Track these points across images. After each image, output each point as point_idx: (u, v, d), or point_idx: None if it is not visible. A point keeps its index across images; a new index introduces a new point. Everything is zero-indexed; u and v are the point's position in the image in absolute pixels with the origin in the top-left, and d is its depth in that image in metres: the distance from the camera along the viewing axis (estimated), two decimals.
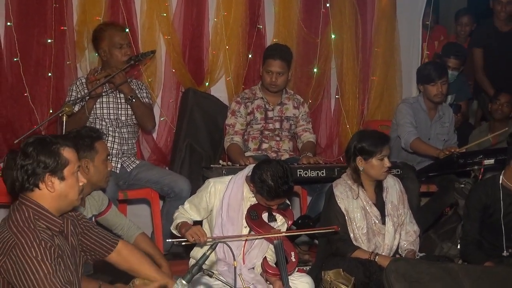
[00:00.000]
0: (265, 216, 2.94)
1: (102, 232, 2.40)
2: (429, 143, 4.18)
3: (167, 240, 3.04)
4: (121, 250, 2.38)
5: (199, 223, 3.04)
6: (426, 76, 4.17)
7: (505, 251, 3.34)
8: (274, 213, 2.96)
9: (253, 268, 2.92)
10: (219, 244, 2.43)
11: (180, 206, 3.05)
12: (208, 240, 2.79)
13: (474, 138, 4.56)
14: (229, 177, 3.03)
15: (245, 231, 2.93)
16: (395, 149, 4.14)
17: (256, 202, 2.94)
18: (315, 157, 3.85)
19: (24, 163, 2.08)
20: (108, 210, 3.03)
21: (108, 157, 2.92)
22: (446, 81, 4.18)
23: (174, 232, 2.96)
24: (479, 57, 5.21)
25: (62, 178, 2.13)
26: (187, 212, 3.00)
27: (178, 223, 2.93)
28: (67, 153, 2.15)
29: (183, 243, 2.83)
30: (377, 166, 3.16)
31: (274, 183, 2.77)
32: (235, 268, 2.18)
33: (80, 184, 2.21)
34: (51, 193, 2.12)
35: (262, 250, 2.93)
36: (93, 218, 2.95)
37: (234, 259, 2.15)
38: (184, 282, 2.04)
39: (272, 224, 2.92)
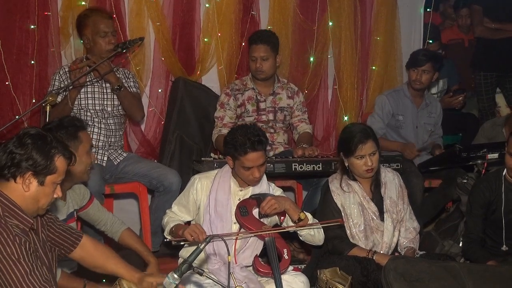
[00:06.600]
0: (255, 212, 2.87)
1: (64, 225, 2.35)
2: (416, 131, 4.24)
3: (166, 240, 2.94)
4: (86, 245, 2.34)
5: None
6: (412, 60, 4.23)
7: (504, 246, 3.31)
8: None
9: (245, 266, 2.85)
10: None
11: (167, 210, 2.99)
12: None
13: (486, 131, 4.45)
14: (215, 171, 2.99)
15: (235, 227, 2.87)
16: None
17: (244, 198, 2.86)
18: (310, 147, 3.77)
19: (15, 150, 2.04)
20: (90, 204, 2.97)
21: (92, 148, 2.87)
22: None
23: (168, 237, 2.89)
24: (479, 13, 5.18)
25: (41, 183, 2.10)
26: (177, 214, 2.95)
27: (172, 227, 2.86)
28: (60, 162, 2.12)
29: (182, 243, 2.79)
30: (357, 165, 3.10)
31: (243, 137, 2.74)
32: (229, 263, 2.15)
33: (55, 196, 2.17)
34: (25, 192, 2.07)
35: (256, 250, 2.88)
36: (75, 213, 2.89)
37: (229, 254, 2.12)
38: (175, 276, 2.06)
39: (263, 220, 2.86)
